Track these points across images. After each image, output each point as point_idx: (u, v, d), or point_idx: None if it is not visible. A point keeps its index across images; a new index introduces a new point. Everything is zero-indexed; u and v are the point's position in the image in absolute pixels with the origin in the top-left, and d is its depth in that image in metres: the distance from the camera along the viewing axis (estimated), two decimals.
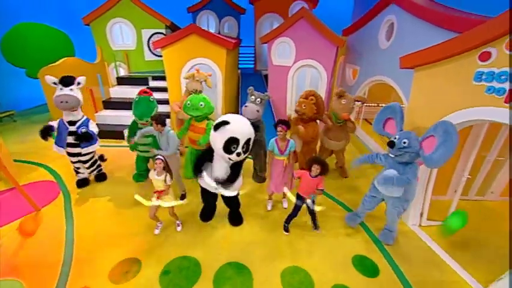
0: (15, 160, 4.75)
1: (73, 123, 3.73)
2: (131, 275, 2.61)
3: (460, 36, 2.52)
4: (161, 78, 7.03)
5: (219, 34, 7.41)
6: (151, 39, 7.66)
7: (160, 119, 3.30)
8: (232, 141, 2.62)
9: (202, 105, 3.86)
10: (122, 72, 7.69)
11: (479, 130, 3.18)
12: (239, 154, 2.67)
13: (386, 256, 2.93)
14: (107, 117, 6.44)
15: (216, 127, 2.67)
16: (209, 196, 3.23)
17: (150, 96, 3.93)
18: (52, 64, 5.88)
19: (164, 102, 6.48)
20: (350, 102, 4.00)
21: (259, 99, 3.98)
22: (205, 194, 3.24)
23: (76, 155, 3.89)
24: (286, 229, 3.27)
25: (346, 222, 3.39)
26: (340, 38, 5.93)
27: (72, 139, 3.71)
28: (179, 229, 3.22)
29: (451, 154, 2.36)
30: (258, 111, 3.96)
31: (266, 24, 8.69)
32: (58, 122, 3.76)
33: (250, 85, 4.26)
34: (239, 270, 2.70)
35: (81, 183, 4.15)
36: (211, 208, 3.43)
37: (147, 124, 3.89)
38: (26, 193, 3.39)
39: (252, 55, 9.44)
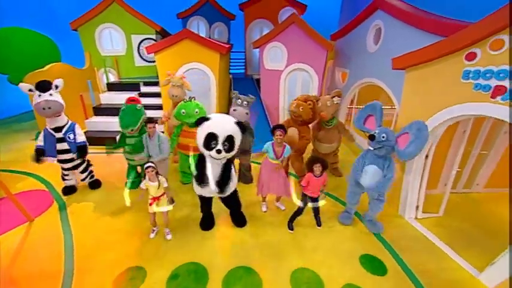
0: (0, 170, 4.52)
1: (59, 129, 3.60)
2: (138, 282, 2.55)
3: (448, 38, 2.73)
4: (153, 83, 6.97)
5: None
6: (141, 44, 7.61)
7: (151, 119, 3.32)
8: (211, 137, 2.64)
9: (197, 112, 3.88)
10: (112, 78, 7.54)
11: (465, 126, 3.42)
12: (219, 151, 2.63)
13: (389, 249, 3.05)
14: (98, 123, 6.28)
15: (198, 123, 2.73)
16: (206, 202, 3.22)
17: (138, 104, 3.83)
18: (39, 70, 5.68)
19: (157, 107, 6.42)
20: (324, 101, 4.13)
21: (245, 102, 4.04)
22: (202, 201, 3.24)
23: (69, 161, 3.79)
24: (290, 227, 3.32)
25: (340, 221, 3.46)
26: (330, 42, 6.17)
27: (61, 146, 3.61)
28: (169, 237, 3.14)
29: (421, 149, 2.73)
30: (247, 113, 4.03)
31: (256, 30, 8.86)
32: (43, 133, 3.59)
33: (242, 89, 4.33)
34: (247, 270, 2.71)
35: (67, 190, 4.02)
36: (210, 215, 3.40)
37: (133, 133, 3.82)
38: (19, 202, 3.23)
39: (243, 60, 9.57)
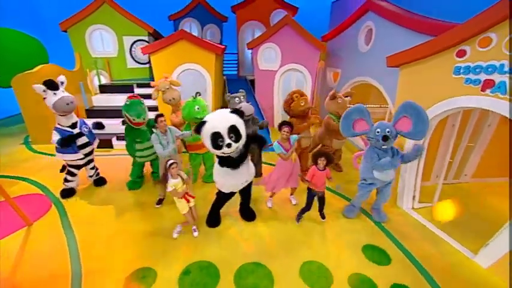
0: None
1: (74, 125, 3.67)
2: (151, 280, 2.54)
3: (439, 37, 2.93)
4: (147, 85, 6.88)
5: None
6: (133, 46, 7.51)
7: (160, 114, 3.35)
8: (215, 136, 2.65)
9: (198, 108, 3.93)
10: (103, 80, 7.39)
11: (454, 120, 3.64)
12: (229, 145, 2.66)
13: (391, 238, 3.19)
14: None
15: (197, 130, 2.75)
16: (226, 199, 3.27)
17: (140, 99, 3.84)
18: (28, 71, 5.49)
19: (152, 109, 6.35)
20: (344, 100, 4.31)
21: (241, 97, 4.20)
22: (223, 199, 3.27)
23: (89, 154, 3.95)
24: (298, 220, 3.41)
25: (344, 215, 3.56)
26: (322, 43, 6.37)
27: (82, 140, 3.71)
28: (195, 234, 3.16)
29: (428, 124, 2.83)
30: (250, 102, 4.21)
31: (248, 31, 8.98)
32: (57, 131, 3.58)
33: (237, 89, 4.38)
34: (257, 264, 2.76)
35: (66, 193, 3.93)
36: (218, 213, 3.42)
37: (144, 124, 3.82)
38: (18, 206, 3.13)
39: (235, 61, 9.65)
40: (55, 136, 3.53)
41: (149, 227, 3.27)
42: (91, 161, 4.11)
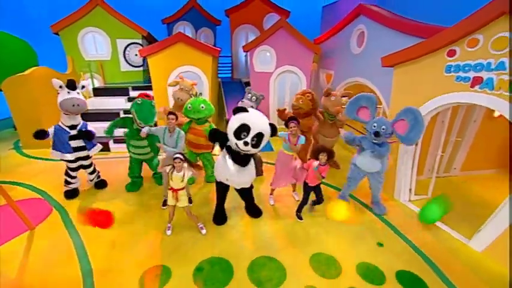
0: None
1: (74, 127, 3.66)
2: (165, 278, 2.55)
3: (431, 38, 3.15)
4: (141, 88, 6.83)
5: None
6: (127, 49, 7.46)
7: (173, 112, 3.38)
8: (243, 128, 2.70)
9: (203, 107, 3.97)
10: (96, 83, 7.27)
11: (443, 116, 3.89)
12: (246, 143, 2.68)
13: (391, 228, 3.36)
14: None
15: (235, 111, 2.80)
16: (222, 190, 3.30)
17: (152, 101, 3.85)
18: (20, 74, 5.35)
19: None
20: (338, 98, 4.48)
21: (254, 97, 4.28)
22: (219, 190, 3.31)
23: (84, 158, 3.91)
24: (300, 217, 3.50)
25: (340, 199, 3.73)
26: (316, 45, 6.59)
27: (77, 143, 3.69)
28: (203, 232, 3.19)
29: (422, 133, 3.07)
30: (252, 107, 4.19)
31: (242, 34, 9.11)
32: (54, 128, 3.59)
33: (232, 92, 4.48)
34: (268, 258, 2.83)
35: (70, 194, 3.90)
36: (222, 210, 3.47)
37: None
38: (21, 210, 3.06)
39: (229, 64, 9.75)
40: (50, 130, 3.57)
41: (155, 227, 3.28)
42: (88, 166, 4.02)
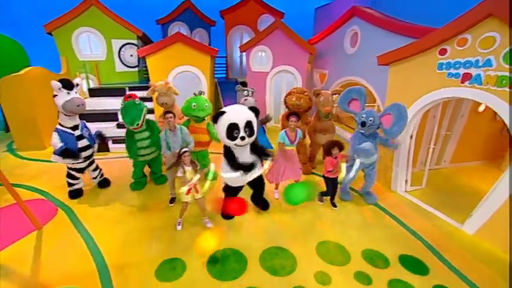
0: None
1: (76, 127, 3.63)
2: (180, 270, 2.62)
3: (424, 38, 3.39)
4: (139, 88, 6.81)
5: None
6: (122, 49, 7.41)
7: (169, 110, 3.42)
8: (232, 127, 2.78)
9: (207, 106, 4.07)
10: (91, 84, 7.19)
11: (434, 111, 4.15)
12: (243, 138, 2.80)
13: (392, 216, 3.57)
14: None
15: (215, 119, 2.88)
16: (234, 193, 3.35)
17: (136, 99, 3.79)
18: (15, 74, 5.23)
19: (148, 111, 6.30)
20: (327, 97, 4.56)
21: (250, 92, 4.45)
22: (231, 193, 3.35)
23: (90, 157, 3.90)
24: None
25: (342, 198, 3.90)
26: (311, 46, 6.80)
27: (82, 143, 3.64)
28: (209, 225, 3.28)
29: (404, 128, 3.28)
30: (256, 101, 4.46)
31: (236, 35, 9.24)
32: (57, 134, 3.50)
33: (229, 91, 4.60)
34: (279, 248, 2.95)
35: (75, 194, 3.88)
36: None
37: (140, 128, 3.79)
38: (29, 210, 3.04)
39: (223, 65, 9.83)
40: (55, 140, 3.44)
41: (164, 223, 3.32)
42: (92, 163, 4.05)
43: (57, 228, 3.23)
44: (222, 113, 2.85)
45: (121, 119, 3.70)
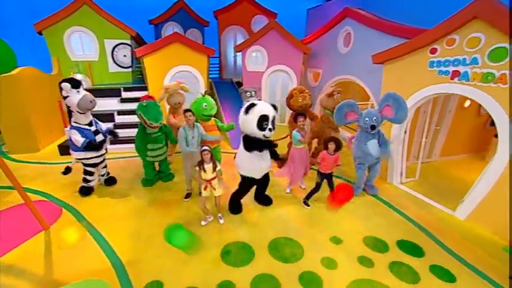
0: None
1: (91, 123, 3.69)
2: (196, 260, 2.70)
3: (415, 38, 3.63)
4: (133, 89, 6.77)
5: None
6: (115, 50, 7.32)
7: (189, 109, 3.53)
8: (263, 118, 3.00)
9: (215, 104, 4.18)
10: (84, 84, 7.05)
11: (425, 107, 4.42)
12: (271, 129, 3.05)
13: (390, 206, 3.79)
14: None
15: (247, 110, 3.04)
16: (251, 185, 3.52)
17: (156, 101, 3.97)
18: (8, 74, 5.09)
19: None
20: (338, 96, 4.79)
21: (253, 92, 4.54)
22: (248, 185, 3.50)
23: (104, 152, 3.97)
24: (307, 204, 3.78)
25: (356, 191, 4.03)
26: (305, 46, 6.99)
27: (99, 138, 3.69)
28: (221, 222, 3.36)
29: (408, 111, 3.44)
30: (260, 100, 4.55)
31: (230, 35, 9.31)
32: (76, 131, 3.54)
33: (225, 91, 4.68)
34: (288, 239, 3.08)
35: (86, 191, 3.93)
36: (239, 200, 3.64)
37: (157, 128, 3.93)
38: (37, 210, 3.02)
39: (217, 65, 9.88)
40: (77, 136, 3.48)
41: (175, 220, 3.38)
42: (104, 159, 4.09)
43: (65, 227, 3.22)
44: (253, 105, 3.02)
45: (144, 116, 3.73)
